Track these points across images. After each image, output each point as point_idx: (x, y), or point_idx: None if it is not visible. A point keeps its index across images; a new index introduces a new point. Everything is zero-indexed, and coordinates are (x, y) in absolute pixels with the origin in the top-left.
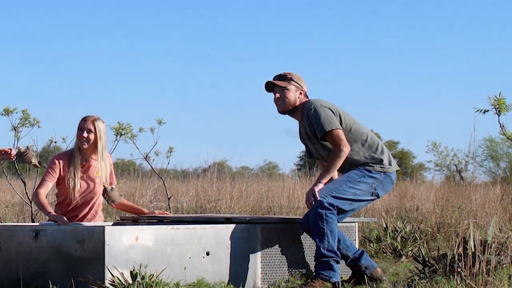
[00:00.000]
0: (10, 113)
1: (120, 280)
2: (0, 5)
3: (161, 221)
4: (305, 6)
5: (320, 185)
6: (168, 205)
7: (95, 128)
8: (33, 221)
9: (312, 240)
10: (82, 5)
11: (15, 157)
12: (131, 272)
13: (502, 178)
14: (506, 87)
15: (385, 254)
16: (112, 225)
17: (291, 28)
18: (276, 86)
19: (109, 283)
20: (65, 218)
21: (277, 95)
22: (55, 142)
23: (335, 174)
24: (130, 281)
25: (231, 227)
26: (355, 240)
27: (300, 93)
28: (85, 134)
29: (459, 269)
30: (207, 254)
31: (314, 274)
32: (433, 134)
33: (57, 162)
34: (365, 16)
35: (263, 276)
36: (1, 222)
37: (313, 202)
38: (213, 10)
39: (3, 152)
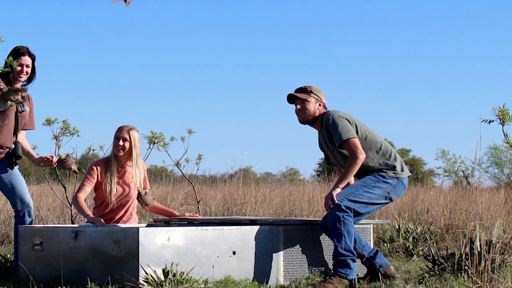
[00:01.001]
0: (52, 123)
1: (153, 278)
2: (40, 21)
3: (191, 222)
4: (322, 21)
5: (338, 190)
6: (198, 208)
7: (130, 137)
8: (72, 222)
9: (330, 240)
10: (113, 20)
11: (56, 164)
12: (163, 270)
13: (506, 183)
14: (510, 98)
15: (397, 253)
16: (146, 226)
17: (311, 43)
18: (297, 98)
19: (143, 280)
20: (102, 220)
21: (298, 106)
22: (93, 150)
23: (351, 179)
24: (162, 278)
25: (255, 228)
26: (370, 240)
27: (320, 105)
28: (121, 143)
29: (466, 267)
30: (234, 253)
31: (332, 271)
32: (442, 143)
33: (95, 168)
34: (378, 30)
35: (285, 274)
36: (44, 224)
37: (331, 205)
38: (238, 23)
39: (45, 159)
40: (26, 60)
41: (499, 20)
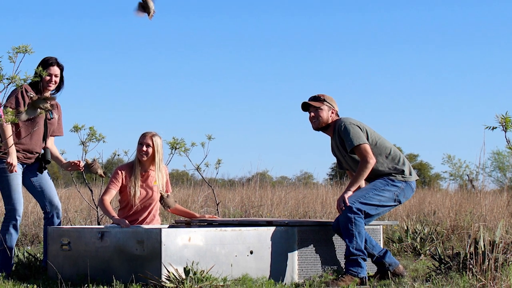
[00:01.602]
0: (79, 129)
1: (175, 276)
2: (68, 33)
3: (210, 224)
4: (334, 33)
5: (350, 193)
6: (217, 210)
7: (153, 143)
8: (98, 224)
9: (342, 241)
10: (137, 31)
11: (83, 168)
12: (184, 268)
13: (509, 186)
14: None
15: (406, 253)
16: (168, 227)
17: (324, 53)
18: (311, 106)
19: (165, 278)
20: (127, 221)
21: (312, 114)
22: (118, 155)
23: (362, 183)
24: (183, 276)
25: (272, 229)
26: (379, 240)
27: (332, 112)
28: (144, 148)
29: (470, 266)
30: (251, 253)
31: (344, 270)
32: (448, 148)
33: (120, 172)
34: (386, 39)
35: (299, 272)
36: (71, 225)
37: (343, 208)
38: (256, 34)
39: (73, 163)
40: (55, 70)
41: (504, 28)
